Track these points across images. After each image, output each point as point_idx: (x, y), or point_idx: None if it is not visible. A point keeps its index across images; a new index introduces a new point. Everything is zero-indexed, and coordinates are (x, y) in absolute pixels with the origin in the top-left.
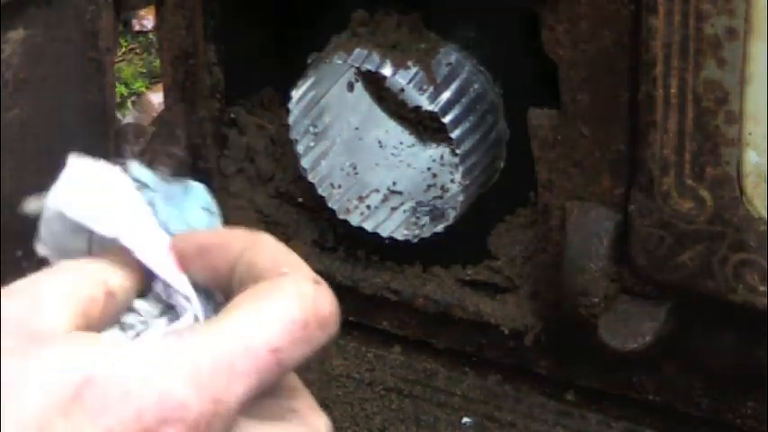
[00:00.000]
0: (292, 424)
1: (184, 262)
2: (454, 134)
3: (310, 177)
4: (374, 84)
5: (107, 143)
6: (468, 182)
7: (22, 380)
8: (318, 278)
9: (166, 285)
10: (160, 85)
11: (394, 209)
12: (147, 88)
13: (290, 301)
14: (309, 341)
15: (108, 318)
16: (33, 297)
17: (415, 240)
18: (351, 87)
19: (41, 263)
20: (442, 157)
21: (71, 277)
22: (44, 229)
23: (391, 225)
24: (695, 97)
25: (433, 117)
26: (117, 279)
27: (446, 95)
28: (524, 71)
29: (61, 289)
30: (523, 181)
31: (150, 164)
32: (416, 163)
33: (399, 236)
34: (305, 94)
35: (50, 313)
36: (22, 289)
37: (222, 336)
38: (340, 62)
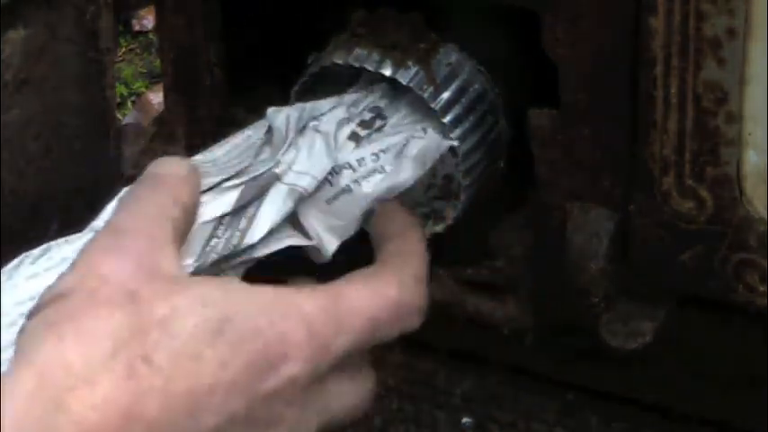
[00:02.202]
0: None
1: None
2: (454, 134)
3: None
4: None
5: (107, 143)
6: (468, 182)
7: (171, 316)
8: (423, 275)
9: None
10: (160, 85)
11: None
12: (147, 88)
13: (399, 285)
14: (400, 324)
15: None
16: (148, 237)
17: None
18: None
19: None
20: (441, 156)
21: (157, 210)
22: None
23: None
24: (695, 97)
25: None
26: (187, 196)
27: (446, 95)
28: (524, 71)
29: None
30: (523, 181)
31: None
32: None
33: None
34: (305, 94)
35: (167, 251)
36: (128, 229)
37: (337, 297)
38: (340, 62)
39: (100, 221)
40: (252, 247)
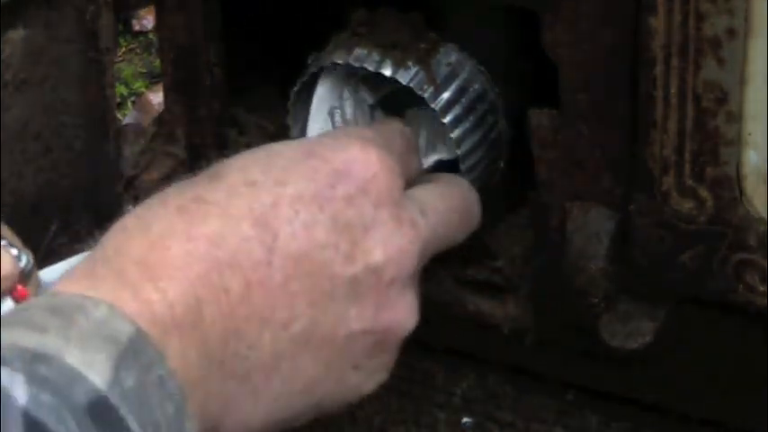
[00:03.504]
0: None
1: None
2: (454, 134)
3: None
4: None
5: (107, 143)
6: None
7: (221, 166)
8: None
9: None
10: (160, 85)
11: None
12: (147, 88)
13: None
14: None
15: None
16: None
17: None
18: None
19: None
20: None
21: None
22: None
23: None
24: (695, 97)
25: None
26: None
27: (446, 95)
28: (524, 71)
29: None
30: (523, 181)
31: (150, 164)
32: None
33: None
34: (305, 94)
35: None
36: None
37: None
38: (340, 62)
39: None
40: None
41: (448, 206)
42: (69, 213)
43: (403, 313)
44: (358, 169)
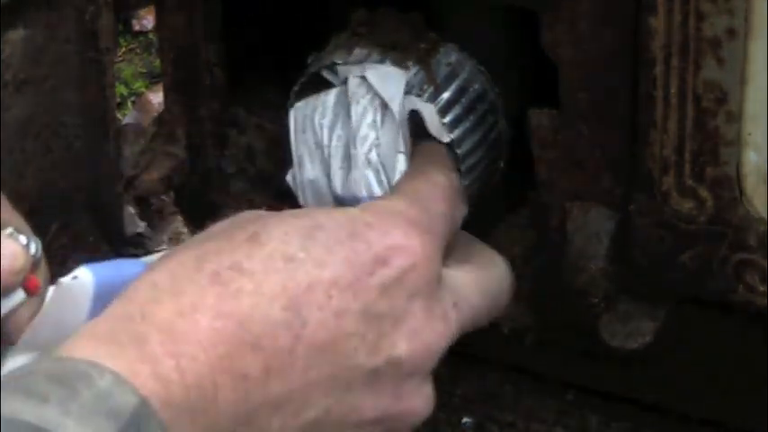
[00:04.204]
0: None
1: None
2: (454, 134)
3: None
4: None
5: (107, 143)
6: (468, 182)
7: (261, 230)
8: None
9: None
10: (160, 85)
11: None
12: (147, 88)
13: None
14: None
15: None
16: None
17: None
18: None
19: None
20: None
21: None
22: None
23: None
24: (695, 97)
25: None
26: None
27: (446, 95)
28: (524, 71)
29: None
30: (523, 181)
31: (150, 164)
32: None
33: None
34: (305, 94)
35: None
36: None
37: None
38: (340, 62)
39: None
40: None
41: (482, 295)
42: (69, 213)
43: (417, 405)
44: (398, 258)
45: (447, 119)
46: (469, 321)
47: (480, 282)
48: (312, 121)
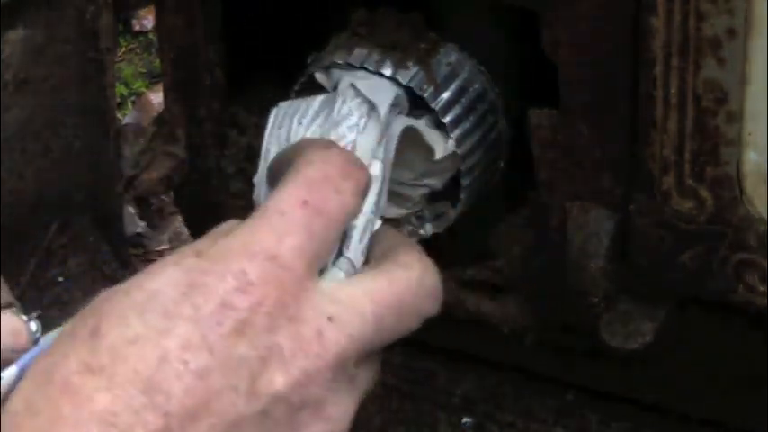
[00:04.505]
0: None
1: None
2: (454, 134)
3: None
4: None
5: (107, 143)
6: (468, 182)
7: (103, 319)
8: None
9: None
10: (160, 85)
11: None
12: (147, 88)
13: (415, 268)
14: (421, 303)
15: None
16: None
17: (416, 240)
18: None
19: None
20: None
21: None
22: None
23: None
24: (695, 97)
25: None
26: None
27: (446, 95)
28: (524, 71)
29: None
30: (523, 181)
31: (150, 164)
32: None
33: None
34: (305, 94)
35: None
36: None
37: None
38: (340, 62)
39: None
40: None
41: (381, 300)
42: (69, 213)
43: (327, 427)
44: (241, 298)
45: (447, 119)
46: (365, 329)
47: (382, 287)
48: (291, 119)
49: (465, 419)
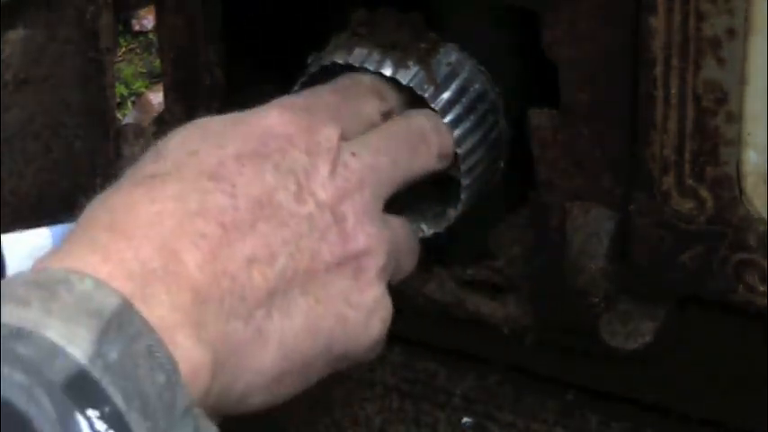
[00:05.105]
0: None
1: None
2: (454, 134)
3: None
4: None
5: (107, 143)
6: (468, 182)
7: (164, 140)
8: None
9: None
10: (160, 85)
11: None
12: (147, 88)
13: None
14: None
15: None
16: None
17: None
18: None
19: None
20: None
21: None
22: None
23: None
24: (695, 97)
25: None
26: None
27: (446, 95)
28: (524, 71)
29: None
30: (523, 181)
31: None
32: None
33: None
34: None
35: None
36: None
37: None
38: (340, 62)
39: None
40: None
41: (386, 140)
42: (69, 213)
43: (366, 243)
44: (283, 128)
45: (447, 119)
46: (379, 163)
47: (384, 132)
48: None
49: (465, 419)
